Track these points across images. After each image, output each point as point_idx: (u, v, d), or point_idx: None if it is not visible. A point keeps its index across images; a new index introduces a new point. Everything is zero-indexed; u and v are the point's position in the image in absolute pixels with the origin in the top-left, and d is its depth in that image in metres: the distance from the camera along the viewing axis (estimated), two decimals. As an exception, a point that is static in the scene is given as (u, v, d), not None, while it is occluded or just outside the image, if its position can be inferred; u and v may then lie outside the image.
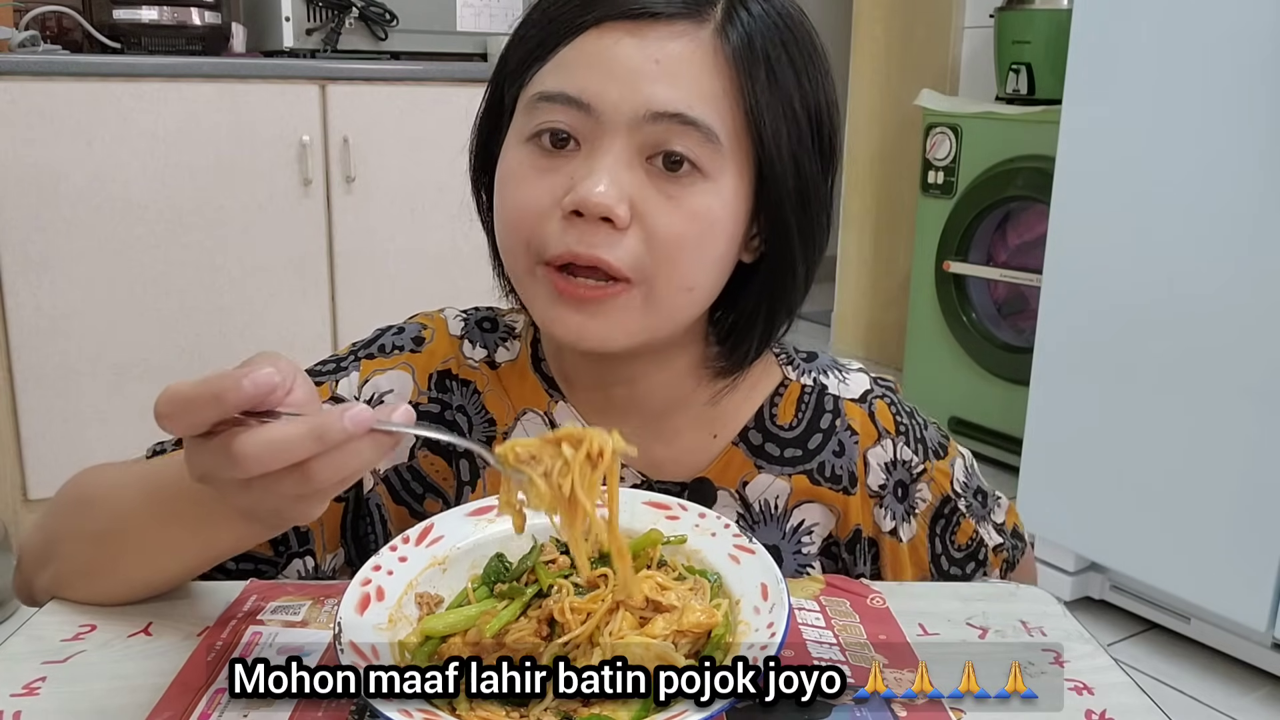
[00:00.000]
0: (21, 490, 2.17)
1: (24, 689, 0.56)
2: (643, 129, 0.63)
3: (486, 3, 2.56)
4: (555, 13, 0.65)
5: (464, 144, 0.75)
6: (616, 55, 0.62)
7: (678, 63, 0.62)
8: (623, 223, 0.63)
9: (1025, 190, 2.58)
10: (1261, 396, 1.75)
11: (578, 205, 0.62)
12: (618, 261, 0.63)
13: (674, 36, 0.63)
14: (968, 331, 2.79)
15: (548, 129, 0.64)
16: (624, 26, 0.63)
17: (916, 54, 3.28)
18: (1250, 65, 1.71)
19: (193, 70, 2.18)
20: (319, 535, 0.74)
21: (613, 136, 0.63)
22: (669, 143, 0.63)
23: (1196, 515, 1.87)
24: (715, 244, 0.66)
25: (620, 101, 0.62)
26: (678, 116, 0.62)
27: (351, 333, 1.56)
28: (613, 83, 0.62)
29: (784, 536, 0.77)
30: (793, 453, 0.77)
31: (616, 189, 0.62)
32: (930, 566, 0.80)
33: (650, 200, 0.63)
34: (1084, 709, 0.58)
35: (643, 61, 0.62)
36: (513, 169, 0.67)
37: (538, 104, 0.65)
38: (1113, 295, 1.96)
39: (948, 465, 0.81)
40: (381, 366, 0.76)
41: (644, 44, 0.62)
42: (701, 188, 0.64)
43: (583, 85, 0.63)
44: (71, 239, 2.12)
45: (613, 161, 0.63)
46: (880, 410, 0.79)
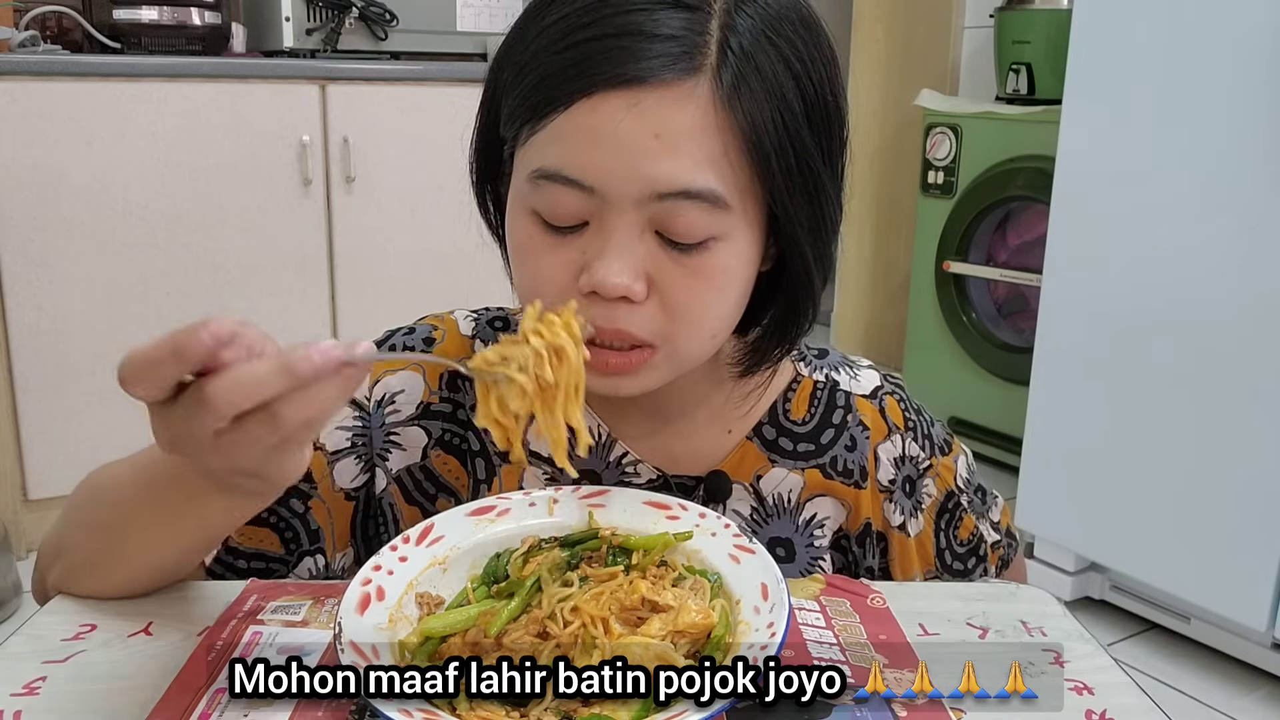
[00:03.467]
0: (21, 490, 2.17)
1: (24, 688, 0.56)
2: (649, 206, 0.61)
3: (486, 3, 2.56)
4: (545, 72, 0.61)
5: (464, 144, 0.75)
6: (616, 133, 0.59)
7: (678, 133, 0.60)
8: (640, 298, 0.63)
9: (1025, 190, 2.58)
10: (1262, 396, 1.75)
11: (595, 288, 0.62)
12: (639, 331, 0.64)
13: (671, 103, 0.59)
14: (968, 331, 2.79)
15: (554, 210, 0.63)
16: (620, 96, 0.59)
17: (916, 54, 3.28)
18: (1250, 65, 1.71)
19: (193, 70, 2.18)
20: (329, 534, 0.75)
21: (619, 214, 0.62)
22: (679, 217, 0.61)
23: (1197, 515, 1.87)
24: (733, 292, 0.66)
25: (624, 182, 0.60)
26: (684, 192, 0.61)
27: (351, 333, 1.56)
28: (615, 163, 0.60)
29: (797, 530, 0.78)
30: (806, 447, 0.78)
31: (630, 269, 0.62)
32: (935, 561, 0.81)
33: (665, 271, 0.63)
34: (1084, 709, 0.58)
35: (643, 138, 0.59)
36: (523, 242, 0.66)
37: (539, 181, 0.63)
38: (1113, 295, 1.96)
39: (952, 461, 0.82)
40: (392, 367, 0.77)
41: (642, 117, 0.59)
42: (716, 248, 0.63)
43: (584, 165, 0.61)
44: (71, 239, 2.12)
45: (623, 237, 0.62)
46: (890, 406, 0.80)
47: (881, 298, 3.48)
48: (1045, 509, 2.12)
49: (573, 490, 0.68)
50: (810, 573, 0.77)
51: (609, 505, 0.66)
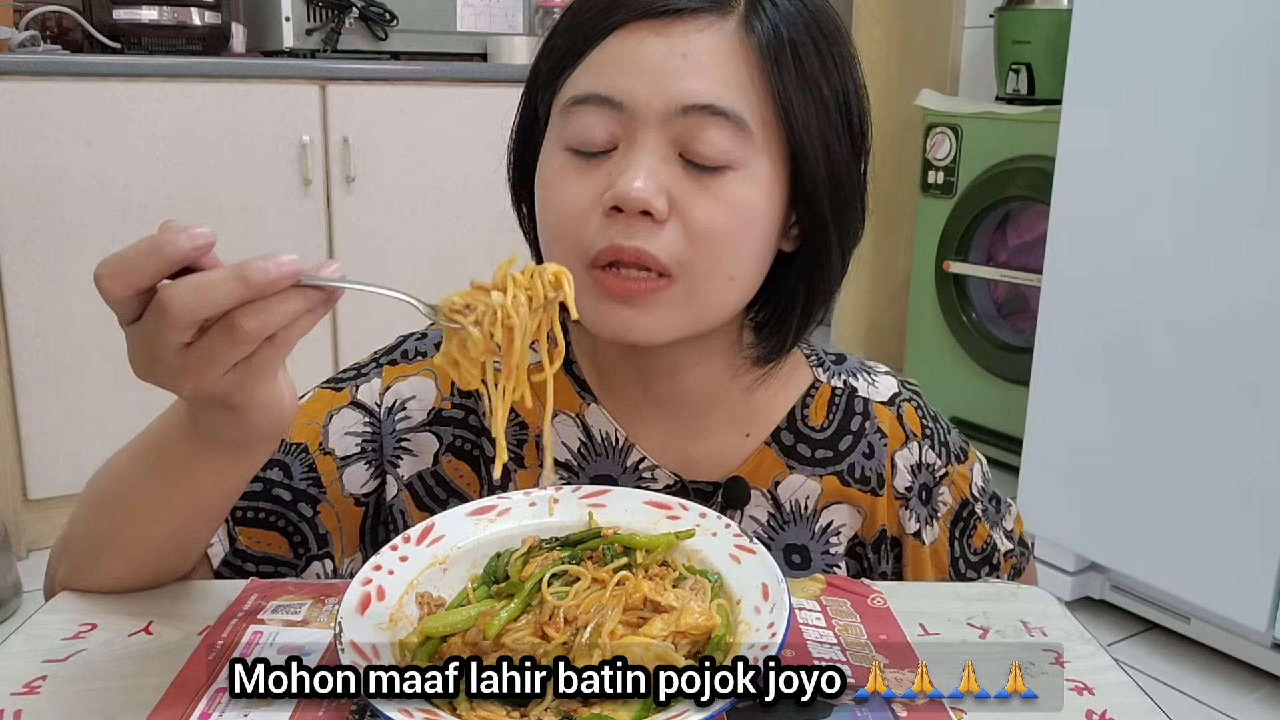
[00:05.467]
0: (21, 490, 2.17)
1: (24, 688, 0.56)
2: (675, 123, 0.64)
3: (486, 3, 2.56)
4: (581, 18, 0.67)
5: (464, 144, 0.76)
6: (644, 53, 0.64)
7: (704, 55, 0.64)
8: (661, 215, 0.64)
9: (1025, 190, 2.58)
10: (1262, 396, 1.75)
11: (617, 200, 0.63)
12: (659, 253, 0.64)
13: (699, 30, 0.64)
14: (968, 331, 2.79)
15: (584, 134, 0.65)
16: (649, 25, 0.64)
17: (916, 54, 3.28)
18: (1250, 65, 1.71)
19: (193, 70, 2.18)
20: (338, 539, 0.75)
21: (646, 132, 0.64)
22: (702, 134, 0.64)
23: (1197, 515, 1.87)
24: (753, 233, 0.67)
25: (651, 97, 0.64)
26: (708, 108, 0.63)
27: (351, 333, 1.57)
28: (643, 80, 0.64)
29: (813, 536, 0.78)
30: (824, 454, 0.78)
31: (654, 183, 0.63)
32: (949, 569, 0.81)
33: (687, 193, 0.64)
34: (1084, 709, 0.58)
35: (670, 57, 0.63)
36: (553, 174, 0.68)
37: (571, 108, 0.66)
38: (1113, 295, 1.96)
39: (968, 469, 0.82)
40: (404, 373, 0.77)
41: (670, 40, 0.64)
42: (736, 177, 0.65)
43: (613, 84, 0.64)
44: (71, 239, 2.12)
45: (648, 156, 0.64)
46: (908, 413, 0.80)
47: (881, 298, 3.48)
48: (1045, 509, 2.12)
49: (573, 490, 0.68)
50: None
51: (609, 505, 0.66)
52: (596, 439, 0.76)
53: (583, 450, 0.76)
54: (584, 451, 0.76)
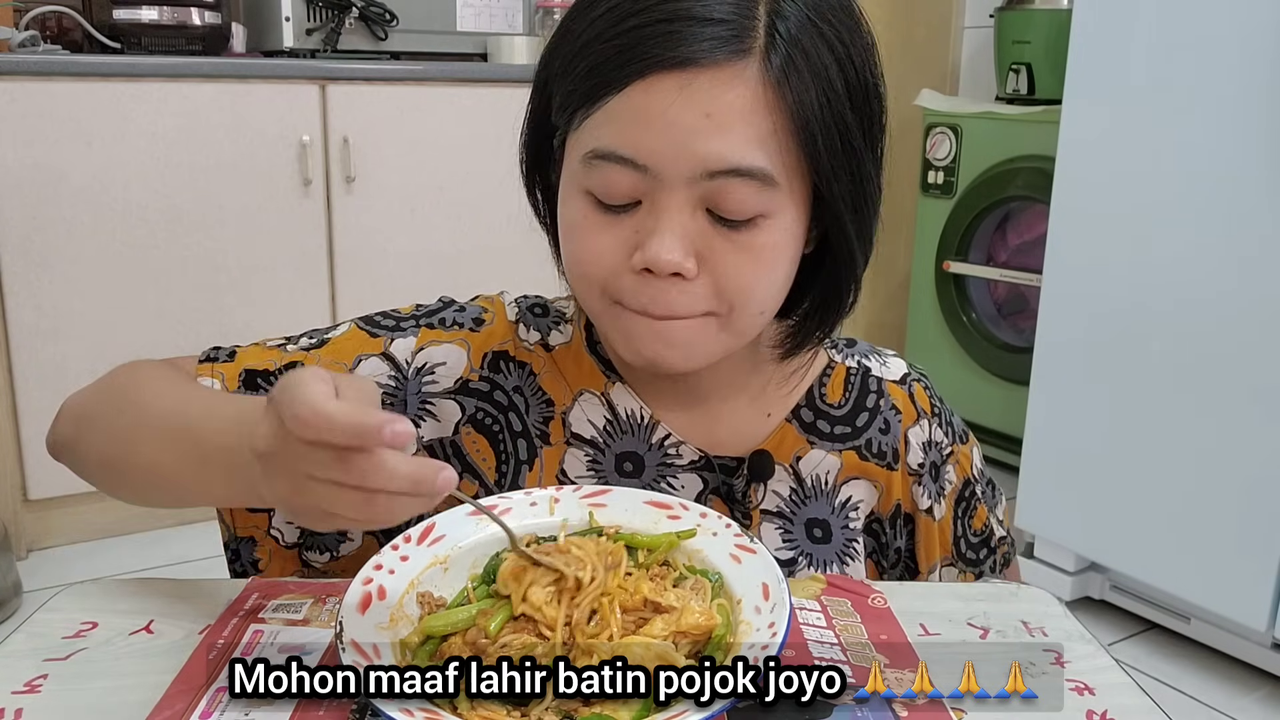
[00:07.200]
0: (21, 490, 2.17)
1: (25, 686, 0.56)
2: (700, 184, 0.63)
3: (486, 3, 2.56)
4: (597, 60, 0.63)
5: (464, 144, 0.76)
6: (667, 113, 0.61)
7: (728, 112, 0.61)
8: (692, 275, 0.64)
9: (1025, 190, 2.58)
10: (1262, 396, 1.75)
11: (648, 264, 0.64)
12: (691, 309, 0.66)
13: (722, 83, 0.61)
14: (968, 331, 2.79)
15: (607, 189, 0.64)
16: (672, 78, 0.61)
17: (916, 54, 3.28)
18: (1250, 65, 1.71)
19: (193, 70, 2.18)
20: None
21: (671, 192, 0.63)
22: (729, 194, 0.63)
23: (1197, 515, 1.87)
24: (781, 269, 0.68)
25: (677, 160, 0.62)
26: (734, 170, 0.62)
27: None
28: (667, 142, 0.62)
29: (833, 511, 0.79)
30: (842, 429, 0.79)
31: (682, 246, 0.63)
32: (952, 548, 0.83)
33: (716, 247, 0.64)
34: (1085, 709, 0.58)
35: (694, 118, 0.61)
36: (577, 221, 0.67)
37: (592, 161, 0.64)
38: (1113, 295, 1.96)
39: (969, 450, 0.84)
40: (439, 339, 0.77)
41: (693, 97, 0.61)
42: (765, 225, 0.65)
43: (637, 144, 0.62)
44: (71, 239, 2.12)
45: (674, 215, 0.63)
46: (918, 392, 0.83)
47: (881, 298, 3.48)
48: (1045, 509, 2.12)
49: (573, 490, 0.68)
50: (846, 555, 0.79)
51: (610, 505, 0.66)
52: (622, 416, 0.77)
53: (608, 428, 0.77)
54: (610, 429, 0.77)
